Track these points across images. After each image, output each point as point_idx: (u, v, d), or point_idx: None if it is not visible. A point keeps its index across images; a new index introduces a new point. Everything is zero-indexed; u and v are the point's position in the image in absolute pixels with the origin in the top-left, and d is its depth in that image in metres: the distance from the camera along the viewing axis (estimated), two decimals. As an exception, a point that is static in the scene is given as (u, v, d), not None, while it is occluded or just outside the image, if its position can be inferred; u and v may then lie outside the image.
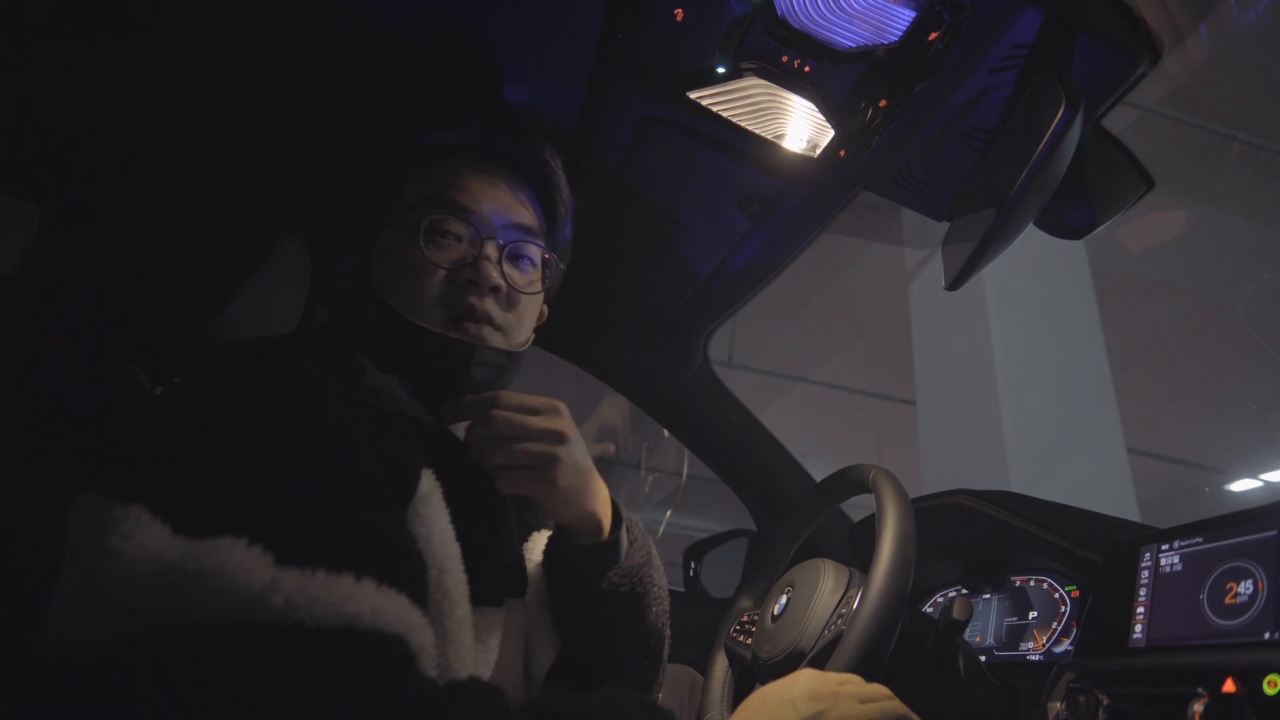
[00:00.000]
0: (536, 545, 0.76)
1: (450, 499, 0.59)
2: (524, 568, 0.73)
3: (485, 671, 0.62)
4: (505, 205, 0.71)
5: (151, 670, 0.38)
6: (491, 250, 0.68)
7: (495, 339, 0.68)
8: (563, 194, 0.78)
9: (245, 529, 0.41)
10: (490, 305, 0.67)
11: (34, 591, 0.44)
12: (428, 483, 0.57)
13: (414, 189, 0.70)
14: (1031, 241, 0.86)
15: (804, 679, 0.59)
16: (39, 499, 0.50)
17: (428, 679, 0.44)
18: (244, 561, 0.39)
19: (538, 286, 0.73)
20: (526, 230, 0.72)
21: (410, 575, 0.48)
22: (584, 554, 0.68)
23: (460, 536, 0.58)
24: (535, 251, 0.73)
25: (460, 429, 0.75)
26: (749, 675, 0.91)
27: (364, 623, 0.41)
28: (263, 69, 0.79)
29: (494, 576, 0.64)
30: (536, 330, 0.77)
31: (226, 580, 0.39)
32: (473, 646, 0.59)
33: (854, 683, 0.60)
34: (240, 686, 0.37)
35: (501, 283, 0.68)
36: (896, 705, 0.59)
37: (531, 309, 0.73)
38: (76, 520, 0.43)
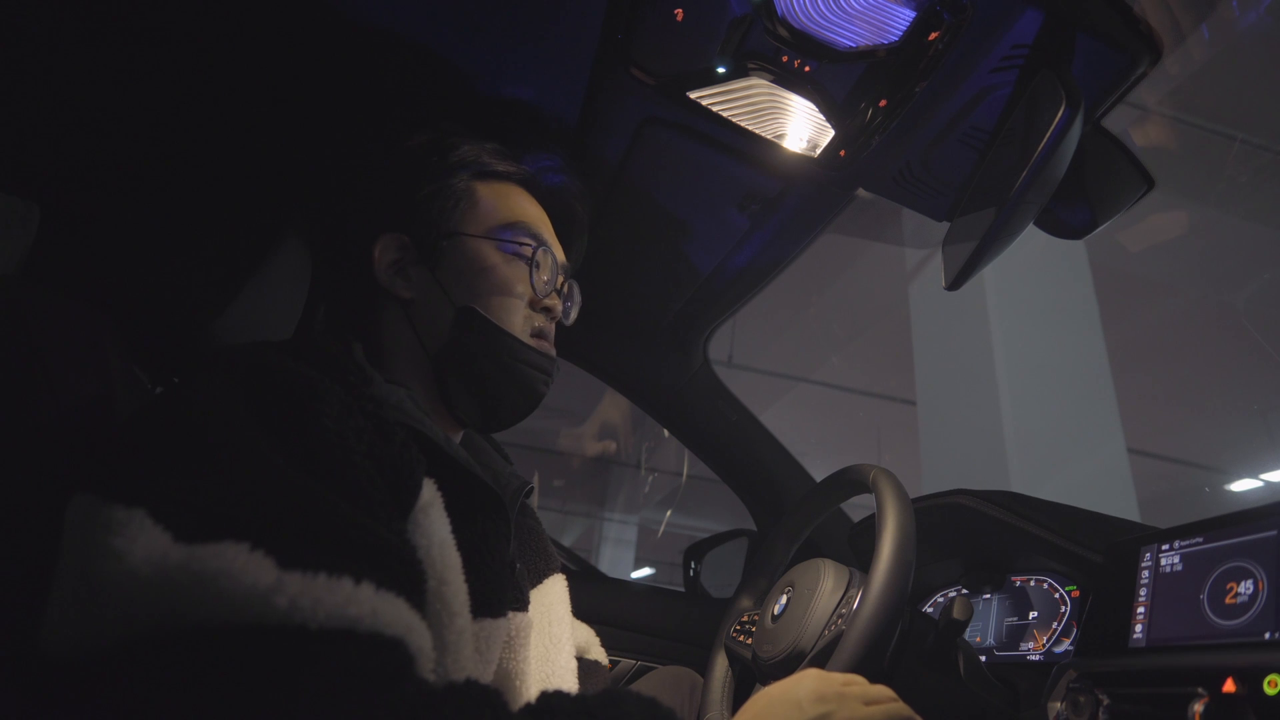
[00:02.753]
0: (549, 589, 0.82)
1: (451, 510, 0.59)
2: (524, 581, 0.75)
3: (485, 680, 0.62)
4: (558, 244, 0.80)
5: (155, 671, 0.38)
6: (559, 282, 0.78)
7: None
8: (584, 239, 0.88)
9: (247, 534, 0.41)
10: (551, 329, 0.77)
11: (33, 592, 0.44)
12: (429, 493, 0.57)
13: (496, 206, 0.75)
14: (1031, 241, 0.87)
15: (809, 679, 0.59)
16: (39, 500, 0.50)
17: (425, 681, 0.44)
18: (248, 565, 0.40)
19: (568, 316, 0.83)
20: (568, 268, 0.81)
21: (407, 580, 0.48)
22: None
23: (460, 547, 0.58)
24: (570, 287, 0.83)
25: (456, 434, 0.76)
26: (749, 675, 0.91)
27: (364, 625, 0.41)
28: (261, 68, 0.79)
29: (494, 587, 0.64)
30: None
31: (232, 582, 0.39)
32: (472, 656, 0.59)
33: (859, 684, 0.60)
34: (244, 686, 0.37)
35: (561, 314, 0.79)
36: (901, 707, 0.59)
37: None
38: (74, 521, 0.43)
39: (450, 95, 0.82)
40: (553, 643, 0.78)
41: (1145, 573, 0.79)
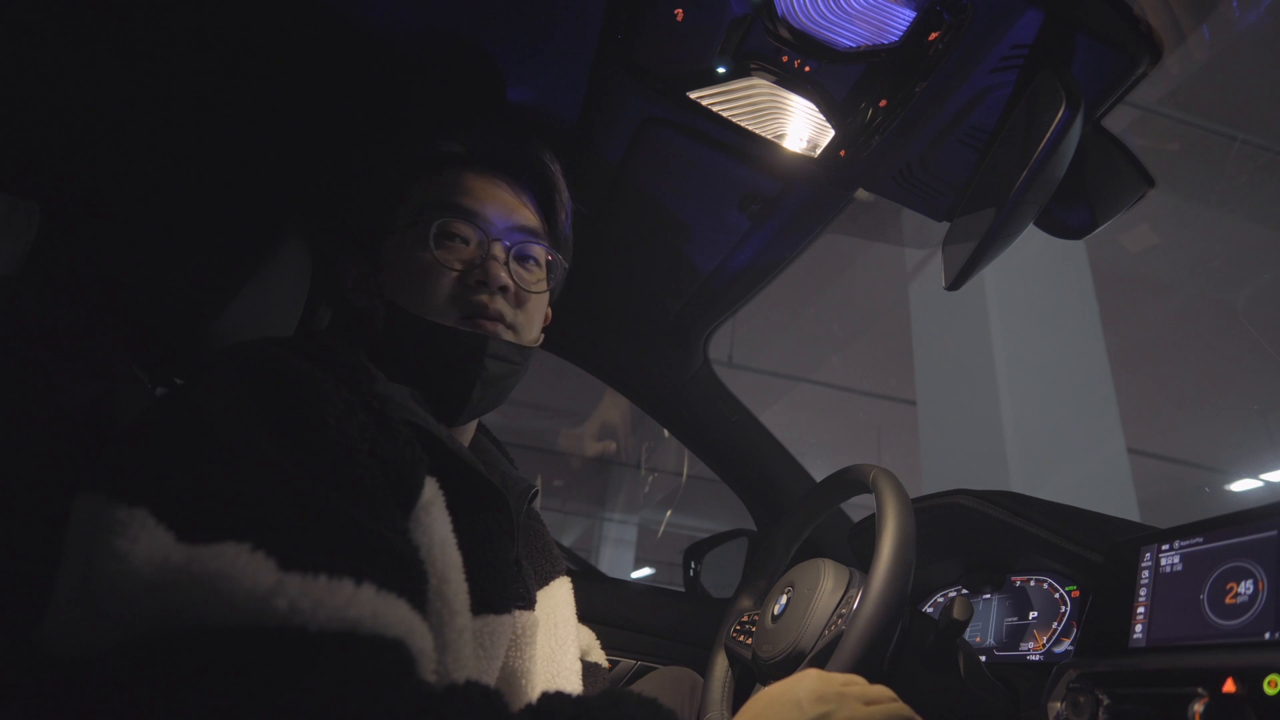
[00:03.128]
0: (555, 591, 0.81)
1: (453, 507, 0.59)
2: (530, 581, 0.75)
3: (487, 680, 0.62)
4: (509, 207, 0.73)
5: (154, 671, 0.38)
6: (499, 251, 0.70)
7: (507, 335, 0.70)
8: (562, 195, 0.79)
9: (248, 534, 0.41)
10: (500, 304, 0.69)
11: (34, 592, 0.44)
12: (430, 491, 0.57)
13: (419, 194, 0.72)
14: (1031, 241, 0.86)
15: (809, 679, 0.59)
16: (39, 500, 0.50)
17: (425, 682, 0.44)
18: (249, 566, 0.39)
19: (544, 285, 0.75)
20: (530, 231, 0.73)
21: (409, 580, 0.48)
22: None
23: (462, 545, 0.58)
24: (539, 251, 0.74)
25: (466, 435, 0.75)
26: (749, 675, 0.91)
27: (365, 627, 0.41)
28: (262, 70, 0.79)
29: (498, 584, 0.64)
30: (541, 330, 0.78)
31: (232, 584, 0.39)
32: (474, 655, 0.59)
33: (858, 684, 0.60)
34: (243, 688, 0.37)
35: (510, 282, 0.70)
36: (901, 707, 0.59)
37: (539, 308, 0.75)
38: (78, 521, 0.43)
39: (450, 96, 0.82)
40: (558, 644, 0.78)
41: (1145, 573, 0.79)
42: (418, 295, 0.68)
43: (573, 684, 0.77)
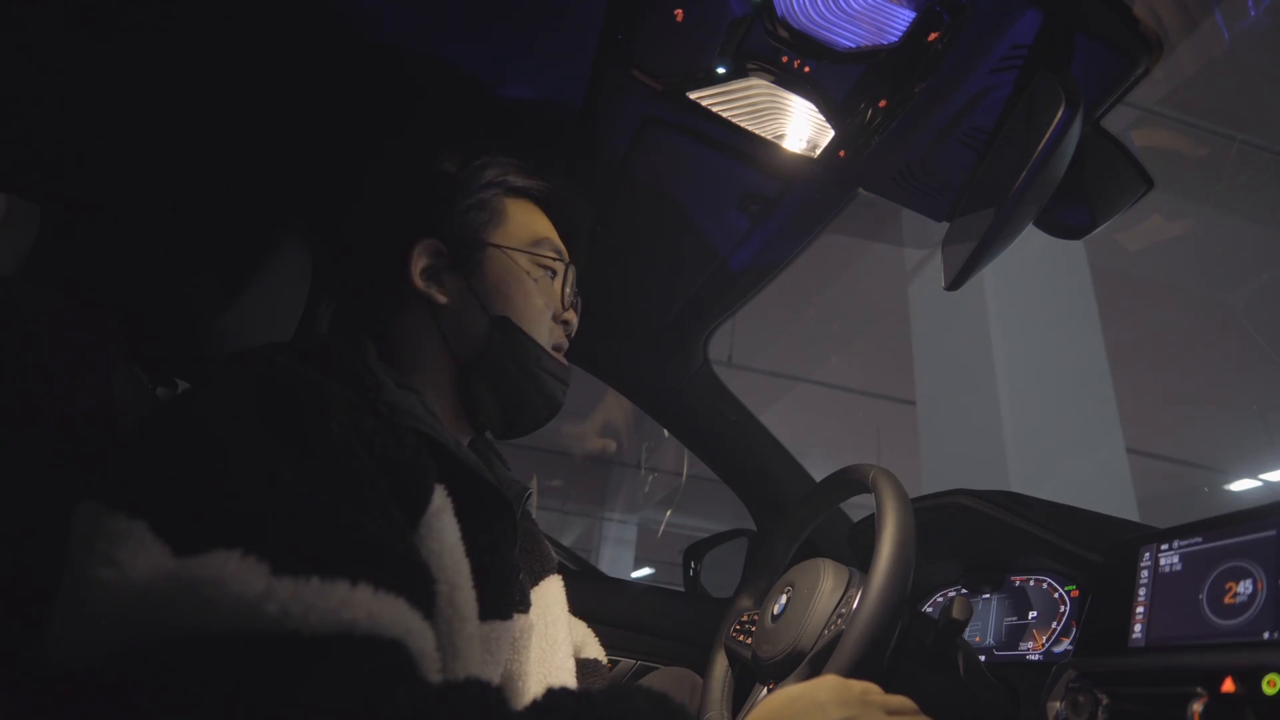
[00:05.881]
0: (547, 590, 0.83)
1: (460, 514, 0.59)
2: (525, 582, 0.76)
3: (493, 683, 0.62)
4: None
5: (148, 681, 0.38)
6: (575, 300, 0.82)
7: None
8: (585, 259, 0.89)
9: (240, 541, 0.40)
10: (565, 343, 0.80)
11: (36, 600, 0.44)
12: (439, 498, 0.57)
13: (524, 223, 0.77)
14: (1031, 241, 0.87)
15: (828, 685, 0.59)
16: (39, 501, 0.50)
17: (423, 681, 0.44)
18: (239, 572, 0.39)
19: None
20: (576, 284, 0.84)
21: (408, 580, 0.47)
22: None
23: (470, 552, 0.58)
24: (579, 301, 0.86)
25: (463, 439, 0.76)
26: (749, 675, 0.91)
27: (361, 629, 0.41)
28: (262, 70, 0.79)
29: (503, 591, 0.65)
30: None
31: (220, 591, 0.38)
32: (480, 660, 0.59)
33: (876, 693, 0.60)
34: (236, 694, 0.37)
35: (574, 328, 0.82)
36: (923, 718, 0.59)
37: None
38: (78, 529, 0.43)
39: (451, 96, 0.82)
40: (550, 643, 0.78)
41: (1144, 572, 0.79)
42: (527, 317, 0.74)
43: (567, 682, 0.77)
